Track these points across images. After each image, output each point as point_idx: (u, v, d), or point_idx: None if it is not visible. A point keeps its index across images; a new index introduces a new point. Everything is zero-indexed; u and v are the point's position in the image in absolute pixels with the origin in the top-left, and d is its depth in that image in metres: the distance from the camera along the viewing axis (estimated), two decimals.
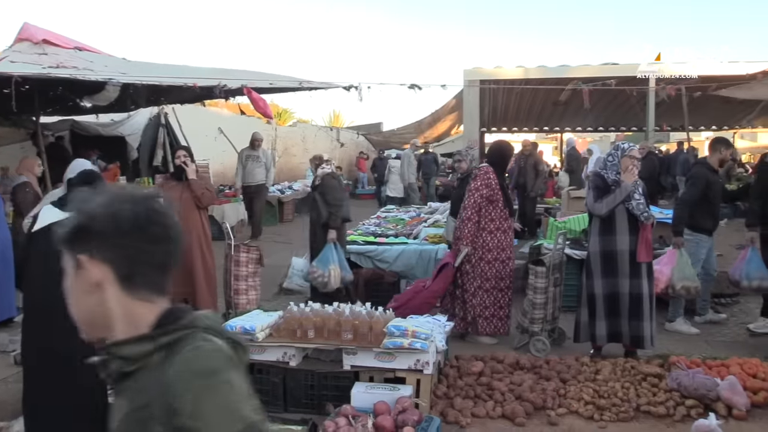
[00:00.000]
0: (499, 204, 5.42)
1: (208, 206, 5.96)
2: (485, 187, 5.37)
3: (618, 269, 4.78)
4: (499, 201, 5.42)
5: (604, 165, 4.98)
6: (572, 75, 16.01)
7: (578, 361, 4.70)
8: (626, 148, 4.90)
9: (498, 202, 5.41)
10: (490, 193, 5.37)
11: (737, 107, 17.73)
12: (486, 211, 5.38)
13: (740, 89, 12.29)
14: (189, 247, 5.73)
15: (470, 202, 5.39)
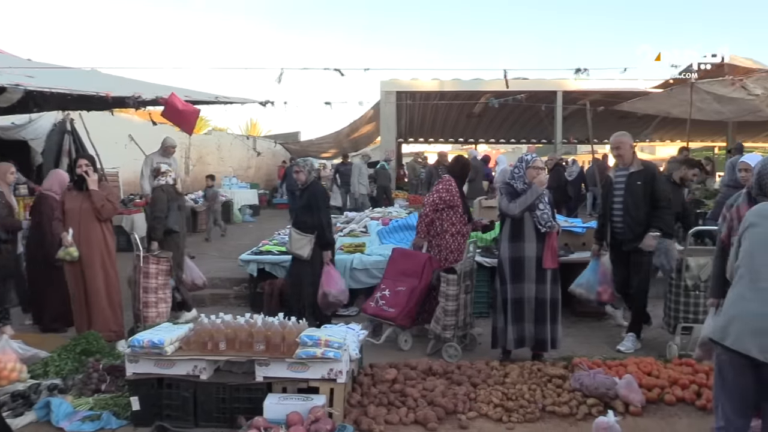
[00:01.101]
0: (459, 210, 5.82)
1: (109, 218, 5.76)
2: (445, 192, 5.80)
3: (525, 275, 4.96)
4: (459, 207, 5.83)
5: (511, 176, 5.16)
6: (485, 89, 16.54)
7: (488, 366, 4.84)
8: (529, 159, 5.11)
9: (458, 207, 5.81)
10: (449, 198, 5.76)
11: (637, 122, 18.81)
12: (447, 215, 5.77)
13: (640, 102, 13.07)
14: (90, 261, 5.52)
15: (429, 200, 5.89)
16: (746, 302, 2.83)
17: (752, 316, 2.78)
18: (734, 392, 2.90)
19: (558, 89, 16.50)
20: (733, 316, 2.86)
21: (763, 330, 2.74)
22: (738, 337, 2.79)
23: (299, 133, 27.05)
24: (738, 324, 2.82)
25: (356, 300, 7.06)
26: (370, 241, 7.67)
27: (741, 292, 2.88)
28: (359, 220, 8.93)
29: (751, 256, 2.90)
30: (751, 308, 2.80)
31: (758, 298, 2.80)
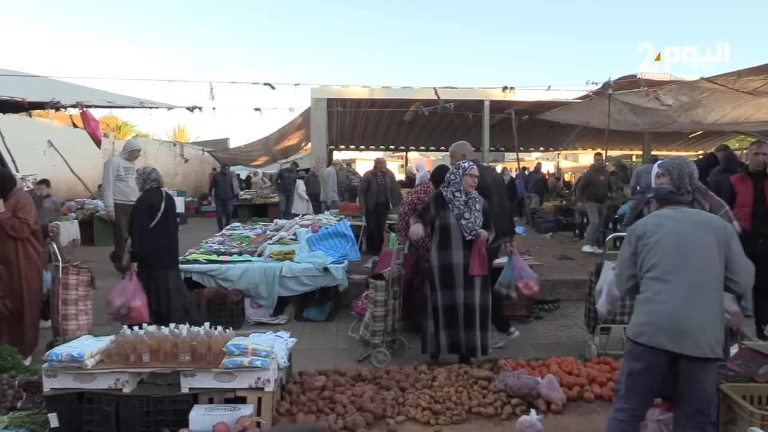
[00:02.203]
0: None
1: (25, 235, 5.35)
2: (423, 193, 6.23)
3: (454, 281, 5.06)
4: None
5: (447, 182, 5.22)
6: (415, 97, 16.75)
7: (416, 370, 4.92)
8: (467, 167, 5.16)
9: None
10: (427, 198, 5.84)
11: (561, 130, 19.49)
12: None
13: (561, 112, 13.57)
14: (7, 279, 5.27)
15: (408, 200, 6.35)
16: (658, 301, 3.01)
17: (664, 313, 2.97)
18: (644, 384, 3.07)
19: (485, 99, 16.90)
20: (646, 314, 3.05)
21: (675, 324, 2.93)
22: (652, 334, 2.97)
23: (228, 140, 26.66)
24: (652, 321, 3.00)
25: (286, 308, 7.03)
26: (300, 249, 7.64)
27: (653, 290, 3.05)
28: (289, 228, 8.88)
29: (661, 256, 3.06)
30: (663, 305, 2.99)
31: (669, 294, 2.98)
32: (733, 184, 5.73)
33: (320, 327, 6.73)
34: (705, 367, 2.95)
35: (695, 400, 2.99)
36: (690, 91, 9.00)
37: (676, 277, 2.99)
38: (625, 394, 3.12)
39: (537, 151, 28.45)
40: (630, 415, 3.10)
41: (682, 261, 3.01)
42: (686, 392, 3.00)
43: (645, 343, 2.98)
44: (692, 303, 2.94)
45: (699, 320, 2.91)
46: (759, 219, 5.55)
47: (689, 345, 2.89)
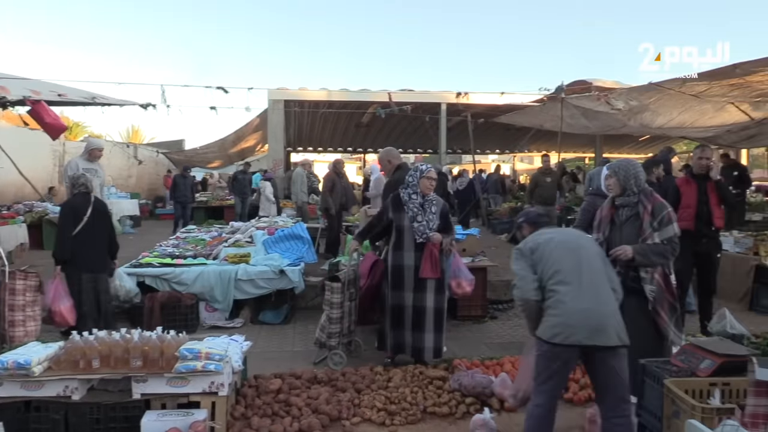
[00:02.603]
0: None
1: None
2: None
3: (404, 283, 5.07)
4: None
5: (405, 184, 5.24)
6: (372, 99, 16.79)
7: (372, 371, 4.94)
8: (424, 170, 5.20)
9: None
10: None
11: (516, 133, 19.79)
12: None
13: (516, 115, 13.79)
14: None
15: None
16: (567, 302, 3.21)
17: (577, 310, 3.18)
18: (560, 380, 3.31)
19: (442, 101, 17.06)
20: (558, 315, 3.22)
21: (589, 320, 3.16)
22: (569, 333, 3.15)
23: (183, 141, 26.26)
24: (566, 321, 3.18)
25: (242, 311, 6.96)
26: (256, 251, 7.59)
27: (560, 293, 3.26)
28: (245, 230, 8.81)
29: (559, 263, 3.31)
30: (573, 305, 3.20)
31: (575, 294, 3.22)
32: (678, 185, 5.94)
33: (276, 330, 6.69)
34: (618, 355, 3.18)
35: (617, 390, 3.21)
36: (639, 95, 9.26)
37: (576, 278, 3.26)
38: (548, 389, 3.30)
39: (493, 154, 28.83)
40: (548, 409, 3.31)
41: (577, 264, 3.30)
42: (607, 384, 3.22)
43: (561, 343, 3.16)
44: (597, 298, 3.23)
45: (606, 313, 3.20)
46: (702, 219, 5.78)
47: (604, 337, 3.13)
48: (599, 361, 3.20)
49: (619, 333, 3.19)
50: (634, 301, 3.81)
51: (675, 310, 3.84)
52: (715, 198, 5.81)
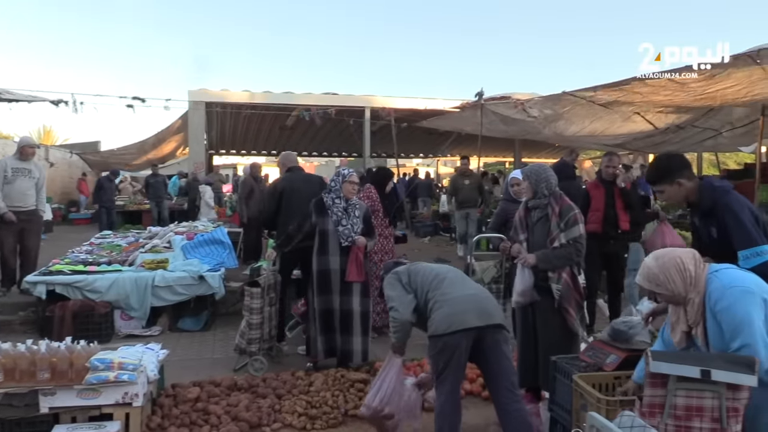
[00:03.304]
0: (380, 214, 6.31)
1: None
2: (366, 198, 6.22)
3: (331, 287, 5.11)
4: (380, 211, 6.35)
5: (328, 189, 5.29)
6: (297, 102, 16.69)
7: (294, 376, 4.92)
8: (346, 174, 5.26)
9: (378, 212, 6.31)
10: (371, 204, 6.08)
11: (439, 138, 20.14)
12: None
13: (438, 120, 14.05)
14: None
15: None
16: (452, 294, 3.49)
17: (463, 298, 3.46)
18: (459, 368, 3.46)
19: (366, 105, 17.16)
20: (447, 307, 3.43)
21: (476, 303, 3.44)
22: (461, 319, 3.35)
23: (99, 143, 25.21)
24: (455, 310, 3.39)
25: (159, 319, 6.77)
26: (174, 257, 7.39)
27: (442, 291, 3.53)
28: (163, 235, 8.57)
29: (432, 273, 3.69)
30: (458, 294, 3.48)
31: (457, 287, 3.53)
32: (588, 190, 6.25)
33: (196, 337, 6.55)
34: (505, 337, 3.46)
35: (506, 373, 3.44)
36: (553, 104, 9.65)
37: (456, 276, 3.65)
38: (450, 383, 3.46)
39: (417, 157, 29.21)
40: (455, 401, 3.49)
41: (446, 268, 3.75)
42: (500, 369, 3.43)
43: (456, 330, 3.34)
44: (473, 287, 3.64)
45: (486, 297, 3.56)
46: (609, 222, 6.10)
47: (493, 317, 3.42)
48: (492, 345, 3.41)
49: (502, 316, 3.50)
50: (546, 300, 3.97)
51: (581, 308, 4.02)
52: (621, 203, 6.15)
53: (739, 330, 2.42)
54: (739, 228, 3.02)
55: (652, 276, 2.63)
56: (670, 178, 3.21)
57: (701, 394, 2.38)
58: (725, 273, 2.58)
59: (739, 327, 2.42)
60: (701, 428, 2.38)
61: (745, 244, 2.99)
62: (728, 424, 2.34)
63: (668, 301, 2.71)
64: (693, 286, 2.57)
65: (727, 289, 2.49)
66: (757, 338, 2.39)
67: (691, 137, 11.31)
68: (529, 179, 4.12)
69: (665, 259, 2.63)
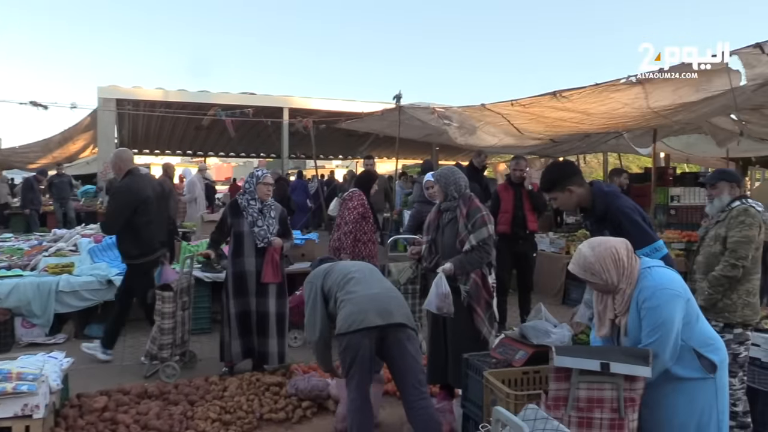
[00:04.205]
0: (370, 220, 6.13)
1: None
2: (361, 206, 5.99)
3: (247, 289, 5.06)
4: (370, 217, 6.14)
5: (243, 191, 5.23)
6: (213, 101, 16.32)
7: (207, 381, 4.82)
8: (260, 175, 5.21)
9: (370, 218, 6.11)
10: (363, 211, 5.98)
11: (359, 139, 20.21)
12: (360, 226, 5.92)
13: (357, 122, 14.10)
14: None
15: (350, 218, 5.95)
16: (356, 293, 3.56)
17: (366, 298, 3.50)
18: (365, 366, 3.47)
19: (285, 105, 16.99)
20: (350, 307, 3.49)
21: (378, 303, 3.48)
22: (363, 318, 3.41)
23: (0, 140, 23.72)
24: (357, 309, 3.45)
25: (64, 326, 6.46)
26: (81, 261, 7.07)
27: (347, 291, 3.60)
28: (68, 238, 8.18)
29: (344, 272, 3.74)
30: (361, 294, 3.54)
31: (361, 287, 3.59)
32: (498, 192, 6.47)
33: None
34: (409, 335, 3.49)
35: (412, 371, 3.48)
36: (470, 117, 9.88)
37: (365, 275, 3.68)
38: (357, 381, 3.49)
39: (336, 159, 29.19)
40: (363, 400, 3.52)
41: (358, 267, 3.77)
42: (405, 367, 3.48)
43: (358, 328, 3.40)
44: (379, 286, 3.64)
45: (393, 297, 3.59)
46: (518, 223, 6.35)
47: (394, 316, 3.44)
48: (395, 344, 3.46)
49: (408, 316, 3.54)
50: (456, 299, 4.06)
51: (490, 307, 4.14)
52: (529, 204, 6.41)
53: (658, 330, 2.53)
54: (636, 228, 3.19)
55: (587, 265, 2.68)
56: (561, 185, 3.36)
57: (601, 386, 2.51)
58: (658, 272, 2.67)
59: (659, 327, 2.53)
60: (601, 418, 2.51)
61: (644, 243, 3.14)
62: (625, 413, 2.48)
63: (599, 289, 2.76)
64: (626, 277, 2.64)
65: (658, 290, 2.57)
66: (669, 339, 2.51)
67: (596, 140, 11.90)
68: (439, 182, 4.22)
69: (601, 249, 2.68)
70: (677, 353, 2.55)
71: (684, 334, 2.57)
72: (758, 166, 19.21)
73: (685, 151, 14.22)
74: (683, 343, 2.56)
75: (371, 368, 3.55)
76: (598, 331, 2.83)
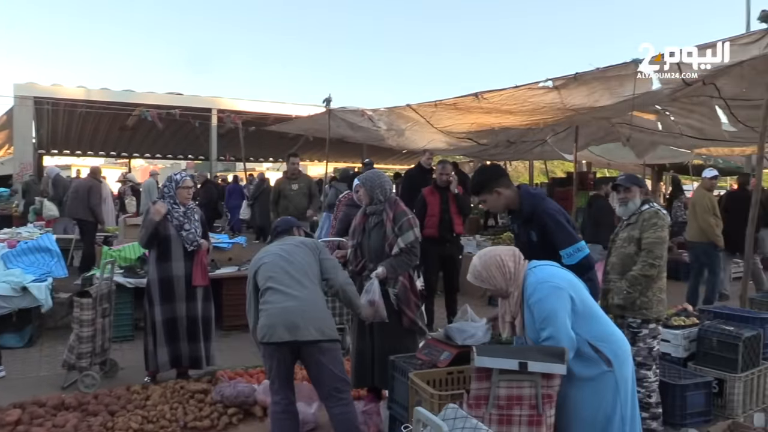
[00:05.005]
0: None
1: None
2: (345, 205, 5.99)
3: (175, 294, 4.95)
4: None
5: (162, 195, 5.10)
6: (138, 101, 15.85)
7: (129, 391, 4.68)
8: (179, 179, 5.09)
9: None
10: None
11: (288, 142, 20.02)
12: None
13: (286, 124, 14.02)
14: None
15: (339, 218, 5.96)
16: (272, 303, 3.49)
17: (277, 311, 3.45)
18: (282, 376, 3.53)
19: (213, 106, 16.69)
20: (265, 318, 3.50)
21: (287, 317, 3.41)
22: (273, 332, 3.42)
23: None
24: (269, 322, 3.45)
25: None
26: None
27: (267, 298, 3.55)
28: None
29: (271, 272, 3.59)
30: (274, 306, 3.47)
31: (278, 297, 3.49)
32: (424, 196, 6.57)
33: (18, 354, 5.97)
34: (321, 348, 3.46)
35: (329, 381, 3.51)
36: (397, 118, 10.00)
37: (282, 281, 3.54)
38: (277, 387, 3.55)
39: (267, 161, 28.86)
40: (287, 404, 3.55)
41: (285, 270, 3.58)
42: (318, 377, 3.52)
43: (269, 341, 3.43)
44: (296, 298, 3.48)
45: (307, 309, 3.46)
46: (445, 226, 6.47)
47: (301, 332, 3.39)
48: (307, 355, 3.48)
49: (322, 328, 3.46)
50: (386, 302, 4.10)
51: (418, 308, 4.22)
52: (455, 207, 6.54)
53: (547, 321, 2.70)
54: (560, 229, 3.40)
55: (477, 273, 2.91)
56: (489, 187, 3.54)
57: (520, 384, 2.60)
58: (541, 269, 2.87)
59: (547, 319, 2.70)
60: (521, 415, 2.60)
61: (567, 243, 3.37)
62: (543, 409, 2.58)
63: (494, 294, 2.98)
64: (513, 281, 2.84)
65: (540, 284, 2.77)
66: (560, 330, 2.68)
67: (522, 146, 12.27)
68: (365, 186, 4.26)
69: (487, 258, 2.91)
70: (575, 344, 2.69)
71: (579, 328, 2.73)
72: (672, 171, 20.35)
73: (605, 156, 14.85)
74: (578, 336, 2.71)
75: (288, 376, 3.58)
76: (502, 333, 3.00)
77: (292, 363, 3.56)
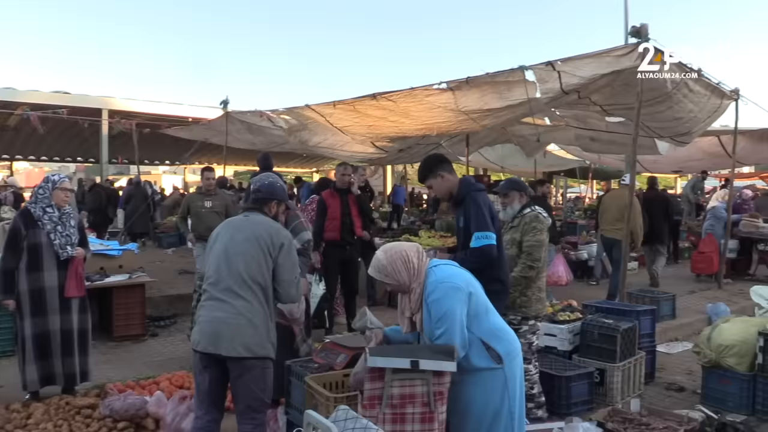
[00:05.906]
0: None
1: None
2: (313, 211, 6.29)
3: (47, 306, 4.62)
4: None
5: (35, 198, 4.72)
6: (20, 100, 14.89)
7: (8, 409, 4.35)
8: (57, 180, 4.77)
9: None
10: None
11: (186, 145, 19.43)
12: None
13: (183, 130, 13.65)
14: None
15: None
16: (205, 308, 3.32)
17: (207, 319, 3.27)
18: (207, 388, 3.34)
19: (104, 107, 15.93)
20: (197, 323, 3.37)
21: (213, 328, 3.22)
22: (200, 340, 3.27)
23: None
24: (199, 329, 3.31)
25: None
26: None
27: (203, 299, 3.38)
28: None
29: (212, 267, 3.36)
30: (206, 313, 3.30)
31: (212, 303, 3.29)
32: (324, 199, 6.58)
33: None
34: (245, 366, 3.23)
35: (244, 398, 3.30)
36: (297, 116, 9.97)
37: (218, 286, 3.28)
38: (198, 400, 3.39)
39: (163, 165, 27.87)
40: (207, 420, 3.35)
41: (227, 270, 3.28)
42: (236, 391, 3.32)
43: (196, 350, 3.30)
44: (227, 308, 3.22)
45: (231, 323, 3.20)
46: (346, 229, 6.50)
47: (226, 346, 3.18)
48: (231, 370, 3.26)
49: (249, 344, 3.20)
50: None
51: (308, 316, 4.24)
52: (356, 209, 6.60)
53: (442, 321, 2.78)
54: (478, 214, 3.72)
55: (381, 267, 2.91)
56: (434, 171, 3.88)
57: (413, 382, 2.67)
58: (441, 269, 2.94)
59: (443, 318, 2.78)
60: (413, 413, 2.67)
61: (479, 227, 3.68)
62: (435, 406, 2.66)
63: (395, 290, 3.00)
64: (416, 277, 2.89)
65: (439, 283, 2.84)
66: (455, 329, 2.76)
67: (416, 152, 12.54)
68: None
69: (392, 252, 2.93)
70: (467, 343, 2.80)
71: (473, 326, 2.84)
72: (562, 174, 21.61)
73: (499, 163, 15.48)
74: (472, 334, 2.82)
75: (213, 389, 3.34)
76: (403, 330, 3.05)
77: (219, 376, 3.32)
